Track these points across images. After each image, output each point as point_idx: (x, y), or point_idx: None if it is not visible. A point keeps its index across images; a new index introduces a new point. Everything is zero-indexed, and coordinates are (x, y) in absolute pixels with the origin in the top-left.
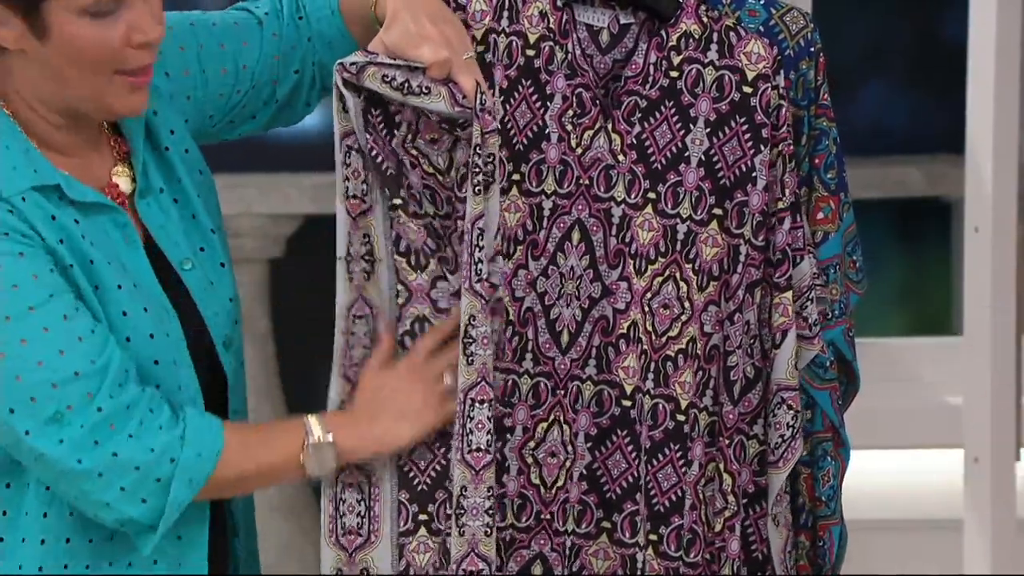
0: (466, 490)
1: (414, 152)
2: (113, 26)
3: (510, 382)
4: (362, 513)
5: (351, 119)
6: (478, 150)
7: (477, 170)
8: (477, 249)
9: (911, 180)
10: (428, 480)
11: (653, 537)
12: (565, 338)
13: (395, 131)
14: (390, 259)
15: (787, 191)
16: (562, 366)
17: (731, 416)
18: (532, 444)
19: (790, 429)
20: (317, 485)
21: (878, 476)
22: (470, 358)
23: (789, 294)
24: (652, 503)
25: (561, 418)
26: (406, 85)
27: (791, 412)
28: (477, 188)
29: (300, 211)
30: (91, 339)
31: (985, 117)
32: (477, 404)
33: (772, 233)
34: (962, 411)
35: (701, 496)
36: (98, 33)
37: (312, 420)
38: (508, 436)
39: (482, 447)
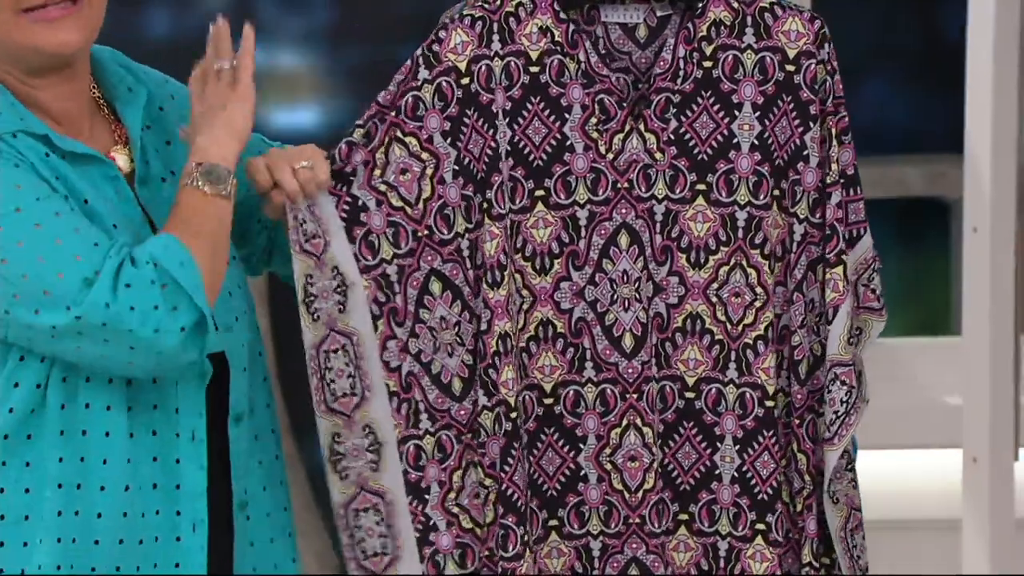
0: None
1: (381, 188)
2: None
3: (571, 392)
4: (384, 533)
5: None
6: (309, 280)
7: (311, 299)
8: (327, 371)
9: (910, 180)
10: (557, 486)
11: (761, 526)
12: (628, 342)
13: (351, 178)
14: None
15: (834, 165)
16: (629, 370)
17: (800, 396)
18: (608, 451)
19: (844, 405)
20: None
21: (877, 476)
22: (343, 473)
23: (840, 269)
24: (754, 492)
25: (638, 421)
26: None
27: (844, 388)
28: (316, 315)
29: None
30: (89, 230)
31: (984, 117)
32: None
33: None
34: (961, 411)
35: (784, 478)
36: None
37: (190, 173)
38: (581, 446)
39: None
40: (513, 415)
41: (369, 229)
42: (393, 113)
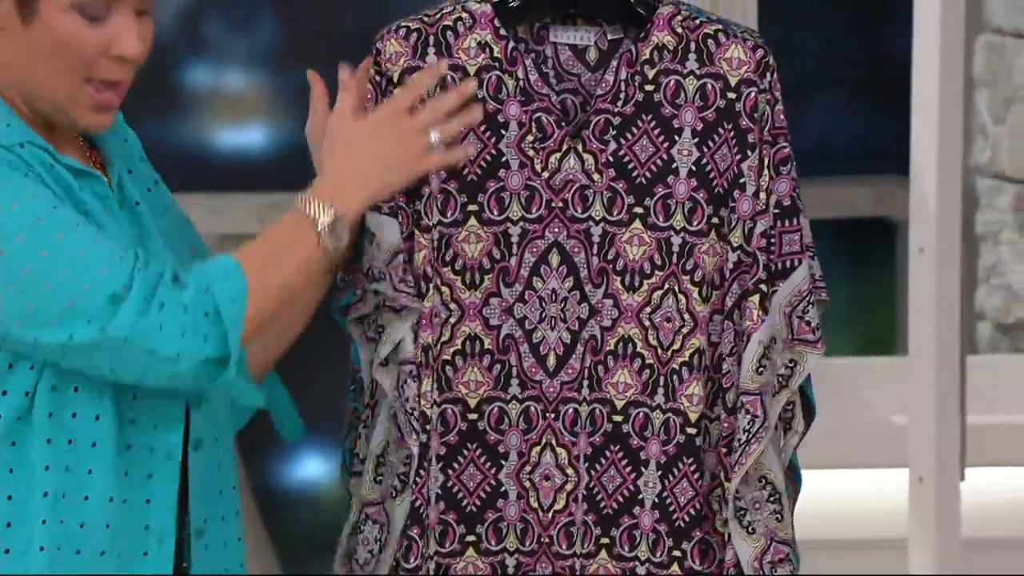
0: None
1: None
2: (98, 31)
3: (496, 409)
4: (374, 551)
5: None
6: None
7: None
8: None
9: (856, 201)
10: (477, 501)
11: (677, 553)
12: (552, 361)
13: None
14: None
15: (763, 195)
16: (551, 389)
17: (727, 424)
18: (528, 468)
19: (746, 434)
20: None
21: (823, 496)
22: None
23: (756, 297)
24: (672, 518)
25: (554, 441)
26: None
27: (748, 416)
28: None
29: (249, 231)
30: (106, 241)
31: (929, 137)
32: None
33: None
34: (907, 431)
35: (712, 507)
36: (81, 32)
37: (313, 204)
38: (503, 462)
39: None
40: (428, 427)
41: None
42: None
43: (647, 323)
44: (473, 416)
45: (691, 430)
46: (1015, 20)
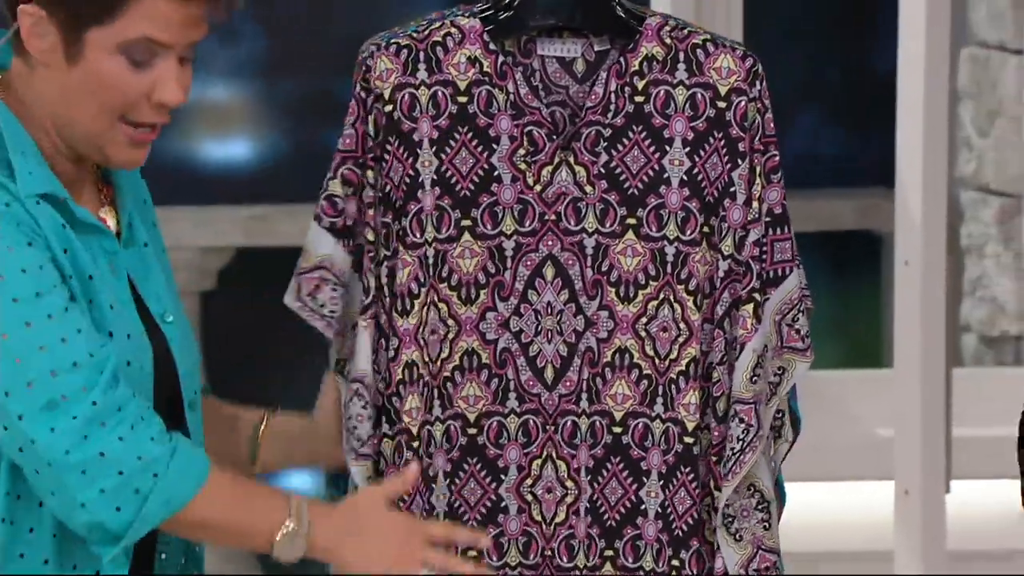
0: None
1: None
2: (141, 76)
3: (495, 423)
4: None
5: None
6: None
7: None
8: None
9: (841, 213)
10: (478, 516)
11: (676, 563)
12: (549, 374)
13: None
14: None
15: (755, 203)
16: (549, 402)
17: (717, 433)
18: (529, 482)
19: (740, 442)
20: None
21: (809, 508)
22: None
23: (750, 306)
24: (672, 528)
25: (554, 454)
26: None
27: (742, 425)
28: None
29: (232, 243)
30: (89, 333)
31: (914, 151)
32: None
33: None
34: (892, 443)
35: (703, 515)
36: (125, 75)
37: (298, 504)
38: (502, 477)
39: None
40: (415, 444)
41: None
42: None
43: (643, 333)
44: (473, 431)
45: (688, 439)
46: (999, 33)
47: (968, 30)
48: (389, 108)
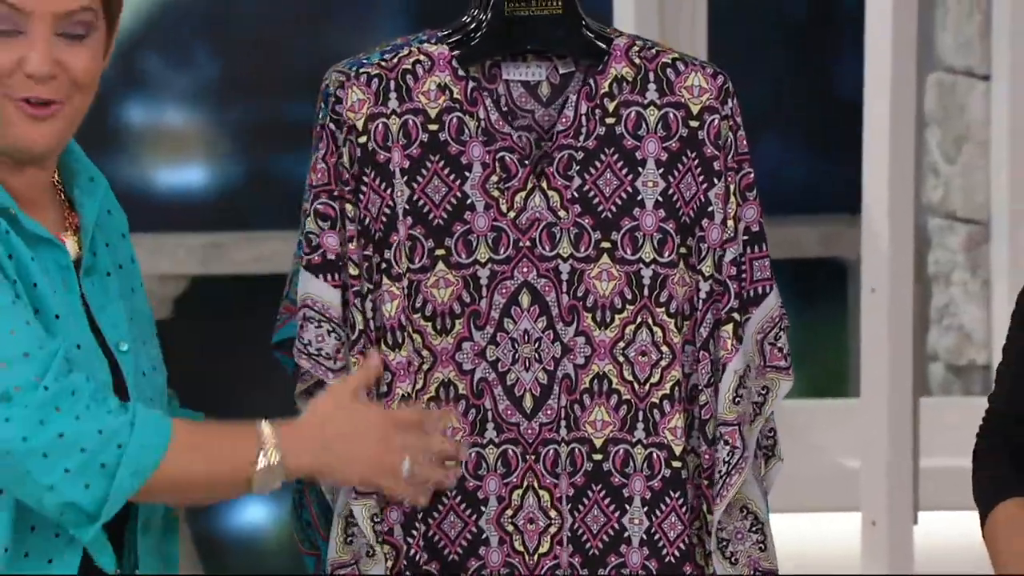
0: (377, 516)
1: None
2: (8, 45)
3: (473, 455)
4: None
5: None
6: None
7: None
8: None
9: (806, 241)
10: (459, 550)
11: None
12: (528, 402)
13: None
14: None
15: (731, 222)
16: (529, 431)
17: (707, 456)
18: (510, 512)
19: (726, 465)
20: None
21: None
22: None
23: (730, 327)
24: (662, 554)
25: (535, 484)
26: None
27: (727, 447)
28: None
29: (188, 272)
30: (37, 327)
31: (880, 177)
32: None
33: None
34: (859, 474)
35: (693, 540)
36: None
37: (267, 434)
38: (483, 508)
39: None
40: None
41: None
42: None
43: (621, 359)
44: (450, 463)
45: (676, 464)
46: (966, 59)
47: (935, 55)
48: (363, 139)
